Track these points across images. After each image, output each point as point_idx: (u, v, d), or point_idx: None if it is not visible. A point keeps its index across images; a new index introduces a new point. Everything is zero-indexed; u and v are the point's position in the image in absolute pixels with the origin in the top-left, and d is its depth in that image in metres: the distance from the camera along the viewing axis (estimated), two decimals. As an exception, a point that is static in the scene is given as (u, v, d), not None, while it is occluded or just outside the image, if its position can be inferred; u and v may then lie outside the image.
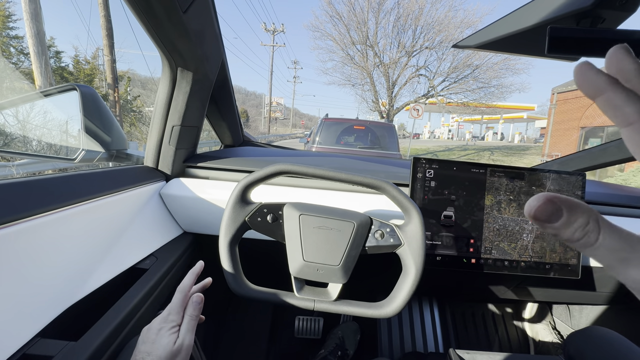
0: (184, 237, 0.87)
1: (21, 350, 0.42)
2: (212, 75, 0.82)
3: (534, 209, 0.16)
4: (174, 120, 0.80)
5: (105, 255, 0.60)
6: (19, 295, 0.42)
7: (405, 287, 0.58)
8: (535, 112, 37.07)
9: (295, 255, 0.59)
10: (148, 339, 0.43)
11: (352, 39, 15.46)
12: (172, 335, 0.44)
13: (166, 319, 0.45)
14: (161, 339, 0.43)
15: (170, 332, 0.44)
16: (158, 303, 0.66)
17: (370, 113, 19.81)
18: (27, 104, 0.95)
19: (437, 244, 0.76)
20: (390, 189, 0.59)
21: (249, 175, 0.59)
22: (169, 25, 0.61)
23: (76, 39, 35.28)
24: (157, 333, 0.43)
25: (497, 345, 1.30)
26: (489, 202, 0.77)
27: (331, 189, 0.84)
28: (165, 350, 0.41)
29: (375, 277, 1.05)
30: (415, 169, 0.77)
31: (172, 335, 0.44)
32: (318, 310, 0.60)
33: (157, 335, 0.43)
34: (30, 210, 0.45)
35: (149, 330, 0.44)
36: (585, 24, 0.54)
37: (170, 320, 0.45)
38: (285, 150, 1.29)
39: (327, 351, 1.12)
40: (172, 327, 0.44)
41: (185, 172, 0.89)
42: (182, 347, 0.43)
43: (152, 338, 0.43)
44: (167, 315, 0.46)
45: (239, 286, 0.59)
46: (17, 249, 0.42)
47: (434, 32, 14.84)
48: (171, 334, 0.44)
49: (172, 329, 0.44)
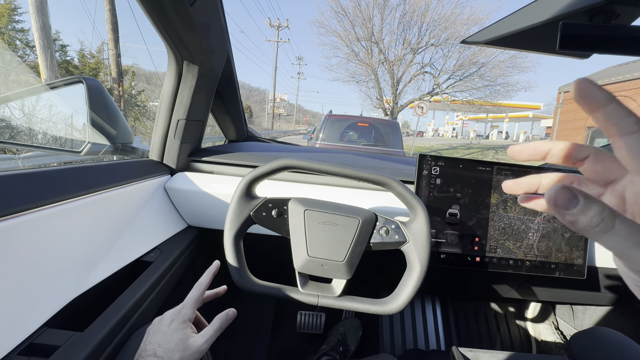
0: (188, 231, 0.87)
1: (28, 340, 0.42)
2: (217, 69, 0.82)
3: (554, 195, 0.18)
4: (180, 114, 0.80)
5: (110, 247, 0.60)
6: (26, 285, 0.43)
7: (410, 284, 0.58)
8: (541, 111, 36.72)
9: (299, 250, 0.58)
10: (160, 330, 0.43)
11: (357, 35, 15.37)
12: (184, 330, 0.44)
13: (179, 312, 0.45)
14: (173, 332, 0.43)
15: (182, 326, 0.44)
16: (162, 296, 0.66)
17: (374, 110, 19.75)
18: (33, 97, 0.95)
19: (441, 241, 0.76)
20: (396, 185, 0.58)
21: (254, 169, 0.59)
22: (175, 17, 0.61)
23: (81, 32, 35.32)
24: (169, 325, 0.44)
25: (500, 344, 1.30)
26: (494, 200, 0.76)
27: (336, 185, 0.84)
28: (177, 344, 0.41)
29: (379, 274, 1.05)
30: (421, 166, 0.76)
31: (185, 330, 0.44)
32: (322, 306, 0.60)
33: (169, 327, 0.43)
34: (36, 201, 0.45)
35: (162, 321, 0.45)
36: (598, 20, 0.53)
37: (183, 314, 0.45)
38: (289, 146, 1.28)
39: (328, 346, 1.13)
40: (183, 322, 0.44)
41: (190, 166, 0.89)
42: (197, 349, 0.43)
43: (163, 330, 0.43)
44: (181, 309, 0.46)
45: (243, 280, 0.59)
46: (24, 240, 0.43)
47: (440, 29, 14.71)
48: (183, 328, 0.44)
49: (184, 323, 0.44)
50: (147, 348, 0.41)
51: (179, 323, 0.44)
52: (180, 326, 0.44)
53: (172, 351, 0.41)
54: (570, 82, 14.35)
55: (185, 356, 0.41)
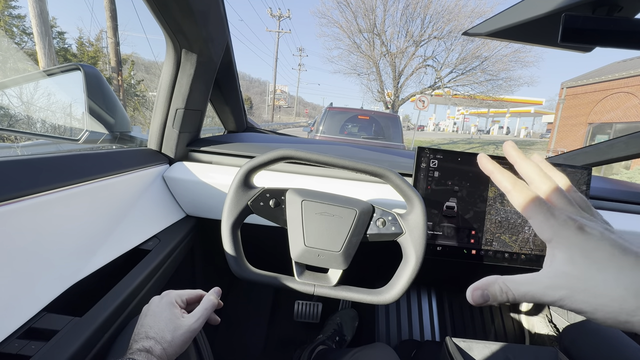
0: (186, 220, 0.88)
1: (27, 324, 0.43)
2: (216, 57, 0.81)
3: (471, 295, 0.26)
4: (178, 103, 0.79)
5: (109, 235, 0.61)
6: (25, 270, 0.43)
7: (405, 275, 0.59)
8: (543, 107, 36.50)
9: (296, 240, 0.59)
10: (149, 311, 0.44)
11: (359, 26, 15.16)
12: (172, 310, 0.44)
13: (170, 296, 0.46)
14: (162, 311, 0.43)
15: (169, 306, 0.44)
16: (160, 283, 0.67)
17: (375, 103, 19.64)
18: (30, 84, 0.95)
19: (438, 234, 0.77)
20: (393, 177, 0.58)
21: (252, 159, 0.59)
22: (173, 4, 0.60)
23: (80, 20, 34.80)
24: (158, 305, 0.44)
25: (493, 335, 1.32)
26: (492, 194, 0.77)
27: (334, 177, 0.84)
28: (167, 324, 0.42)
29: (375, 265, 1.06)
30: (420, 159, 0.76)
31: (173, 310, 0.44)
32: (318, 295, 0.60)
33: (157, 307, 0.44)
34: (35, 187, 0.45)
35: (151, 303, 0.46)
36: (601, 12, 0.52)
37: (173, 297, 0.46)
38: (289, 137, 1.28)
39: (325, 336, 1.14)
40: (169, 302, 0.45)
41: (189, 155, 0.89)
42: (187, 328, 0.43)
43: (152, 310, 0.44)
44: (174, 296, 0.47)
45: (241, 269, 0.60)
46: (23, 225, 0.43)
47: (443, 21, 14.51)
48: (170, 307, 0.44)
49: (170, 303, 0.45)
50: (140, 331, 0.41)
51: (166, 303, 0.45)
52: (167, 305, 0.44)
53: (162, 331, 0.41)
54: (574, 77, 14.25)
55: (177, 335, 0.41)
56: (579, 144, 13.37)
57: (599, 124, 12.83)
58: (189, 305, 0.50)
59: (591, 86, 13.29)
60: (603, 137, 12.73)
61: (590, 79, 13.30)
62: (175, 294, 0.48)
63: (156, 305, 0.45)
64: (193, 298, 0.50)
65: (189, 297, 0.50)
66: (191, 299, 0.50)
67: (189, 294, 0.50)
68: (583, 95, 13.64)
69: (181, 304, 0.47)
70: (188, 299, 0.49)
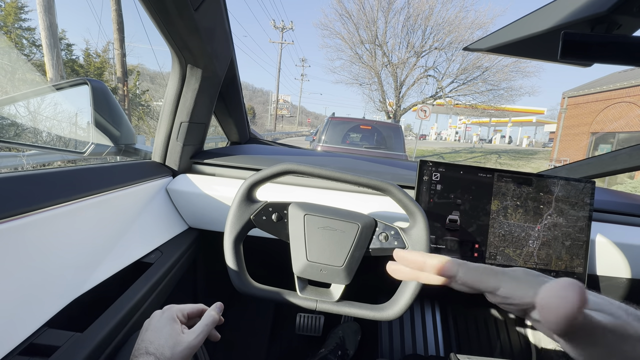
0: (189, 232, 0.88)
1: (28, 340, 0.43)
2: (221, 72, 0.82)
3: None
4: (182, 116, 0.81)
5: (111, 248, 0.61)
6: (27, 285, 0.43)
7: (408, 291, 0.58)
8: (545, 116, 36.54)
9: (299, 254, 0.59)
10: (149, 326, 0.44)
11: (360, 37, 15.40)
12: (173, 325, 0.44)
13: (171, 311, 0.46)
14: (163, 326, 0.43)
15: (169, 321, 0.44)
16: (162, 297, 0.67)
17: (377, 113, 19.73)
18: (39, 97, 0.96)
19: (441, 247, 0.76)
20: (395, 191, 0.58)
21: (255, 173, 0.60)
22: (180, 22, 0.62)
23: (87, 32, 35.63)
24: (159, 320, 0.44)
25: (499, 351, 1.29)
26: (495, 207, 0.76)
27: (337, 190, 0.84)
28: (166, 339, 0.42)
29: (378, 279, 1.05)
30: (422, 172, 0.76)
31: (174, 325, 0.44)
32: (320, 311, 0.60)
33: (158, 322, 0.44)
34: (39, 203, 0.46)
35: (152, 318, 0.45)
36: (600, 29, 0.53)
37: (170, 311, 0.46)
38: (291, 149, 1.29)
39: (327, 350, 1.12)
40: (171, 317, 0.45)
41: (192, 168, 0.90)
42: (187, 345, 0.42)
43: (153, 325, 0.43)
44: (175, 311, 0.46)
45: (243, 284, 0.59)
46: (25, 241, 0.43)
47: (444, 32, 14.70)
48: (171, 322, 0.44)
49: (171, 318, 0.45)
50: (140, 346, 0.41)
51: (167, 317, 0.44)
52: (167, 321, 0.44)
53: (162, 347, 0.40)
54: (575, 87, 14.30)
55: (176, 352, 0.41)
56: (582, 153, 13.31)
57: (602, 133, 12.81)
58: (191, 319, 0.49)
59: (593, 96, 13.33)
60: (606, 146, 12.68)
61: (592, 88, 13.35)
62: (177, 308, 0.47)
63: (157, 320, 0.44)
64: (194, 312, 0.50)
65: (190, 311, 0.49)
66: (192, 314, 0.50)
67: (190, 309, 0.49)
68: (585, 104, 13.67)
69: (182, 318, 0.47)
70: (189, 313, 0.49)
